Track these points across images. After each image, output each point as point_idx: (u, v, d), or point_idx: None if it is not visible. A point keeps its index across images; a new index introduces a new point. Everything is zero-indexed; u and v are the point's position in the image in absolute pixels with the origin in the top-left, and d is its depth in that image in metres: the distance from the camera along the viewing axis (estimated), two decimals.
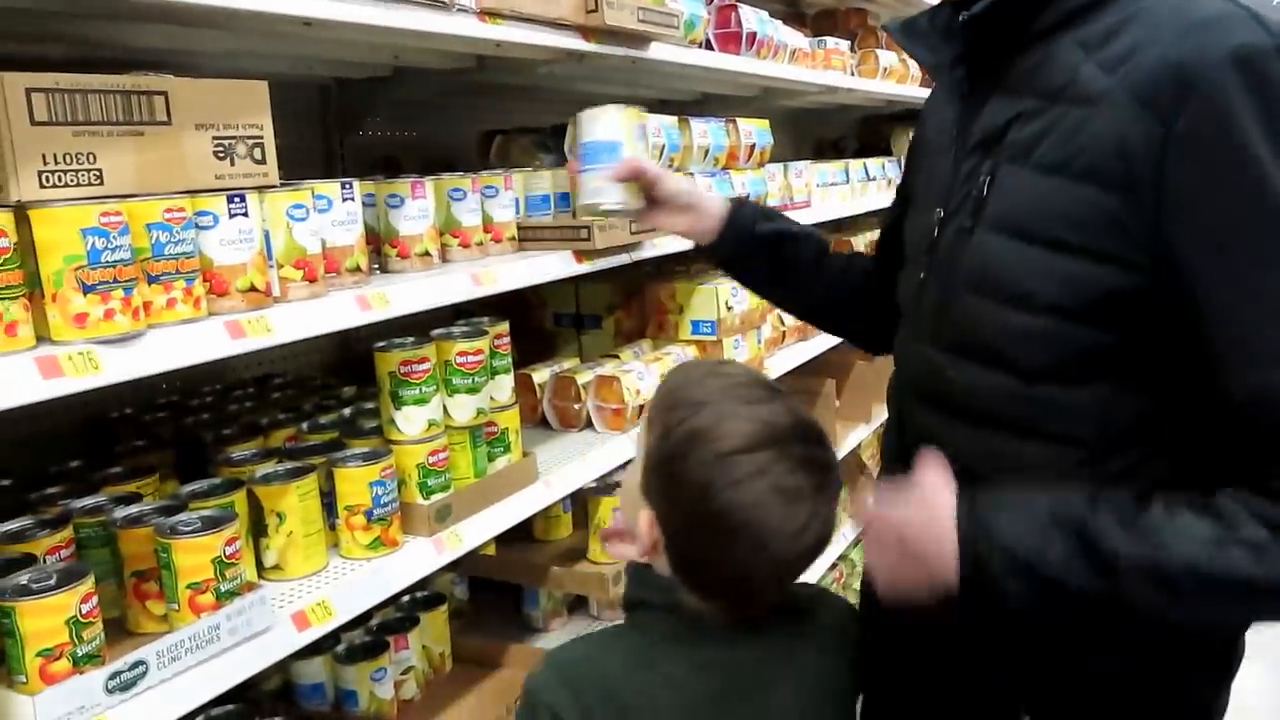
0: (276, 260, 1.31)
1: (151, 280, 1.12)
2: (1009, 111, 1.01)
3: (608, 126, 1.43)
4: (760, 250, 1.45)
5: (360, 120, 2.21)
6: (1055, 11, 0.98)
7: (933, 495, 0.96)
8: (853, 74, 3.26)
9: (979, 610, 0.96)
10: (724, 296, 2.28)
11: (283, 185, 1.33)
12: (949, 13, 1.09)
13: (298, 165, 1.96)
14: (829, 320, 1.58)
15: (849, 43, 3.29)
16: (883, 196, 3.43)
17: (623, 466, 1.85)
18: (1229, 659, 1.07)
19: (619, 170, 1.40)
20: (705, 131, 2.26)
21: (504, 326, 1.72)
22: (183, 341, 1.14)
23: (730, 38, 2.43)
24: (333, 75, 2.10)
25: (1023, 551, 0.91)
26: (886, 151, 4.10)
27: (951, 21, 1.08)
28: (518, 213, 1.88)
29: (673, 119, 2.18)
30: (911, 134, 1.32)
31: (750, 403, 0.97)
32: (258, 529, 1.38)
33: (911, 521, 0.97)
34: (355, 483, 1.45)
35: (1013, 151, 0.99)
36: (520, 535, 2.02)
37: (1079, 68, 0.94)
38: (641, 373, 2.03)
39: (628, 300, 2.38)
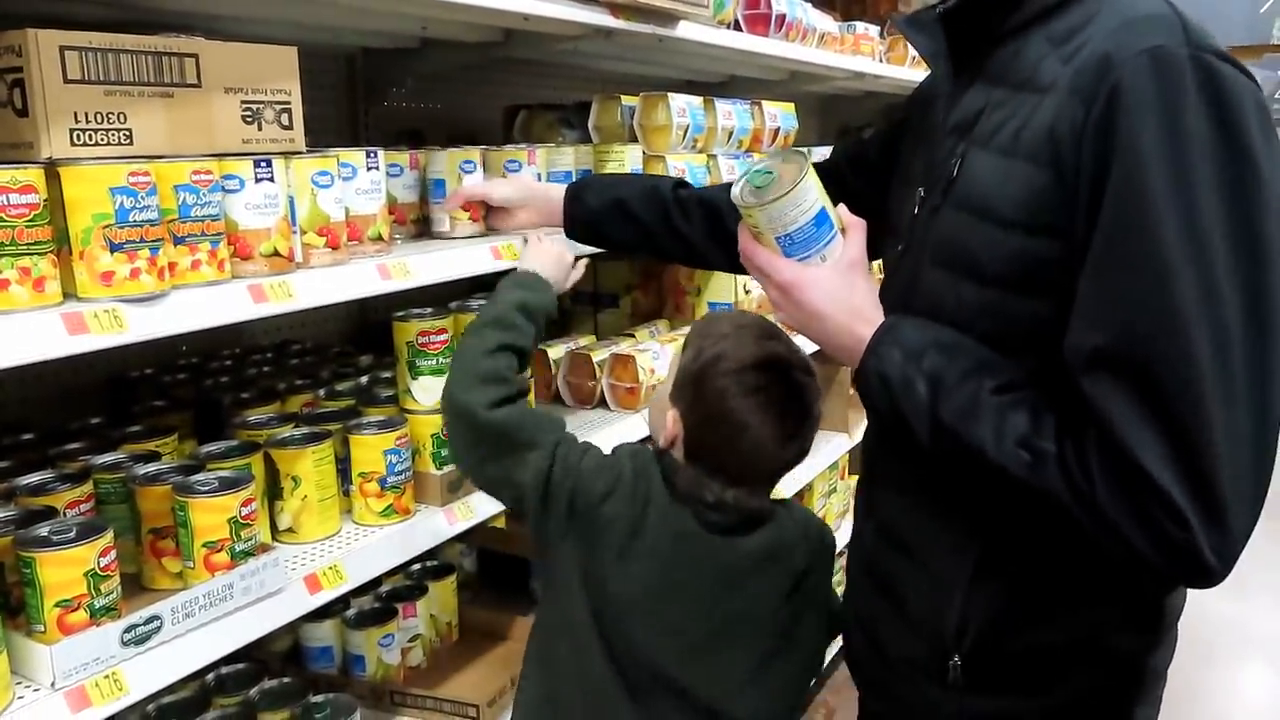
0: (300, 226, 1.32)
1: (177, 241, 1.14)
2: (983, 100, 1.06)
3: (437, 168, 1.70)
4: (606, 222, 1.57)
5: (385, 91, 2.22)
6: (1027, 9, 1.04)
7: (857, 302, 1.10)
8: (881, 60, 3.24)
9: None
10: (742, 279, 2.28)
11: (309, 152, 1.34)
12: (931, 15, 1.14)
13: (322, 133, 1.96)
14: (712, 261, 1.62)
15: (879, 28, 3.27)
16: None
17: None
18: (1157, 621, 1.08)
19: (445, 204, 1.67)
20: (730, 113, 2.26)
21: None
22: (206, 303, 1.15)
23: (759, 19, 2.42)
24: (360, 45, 2.10)
25: (894, 385, 1.03)
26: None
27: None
28: None
29: (699, 100, 2.18)
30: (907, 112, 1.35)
31: (763, 339, 1.24)
32: (273, 492, 1.40)
33: (829, 316, 1.10)
34: (370, 450, 1.47)
35: (981, 137, 1.04)
36: None
37: (1043, 60, 1.00)
38: (657, 353, 2.03)
39: (645, 280, 2.38)
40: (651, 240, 1.57)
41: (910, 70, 3.34)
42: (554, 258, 1.44)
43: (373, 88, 2.20)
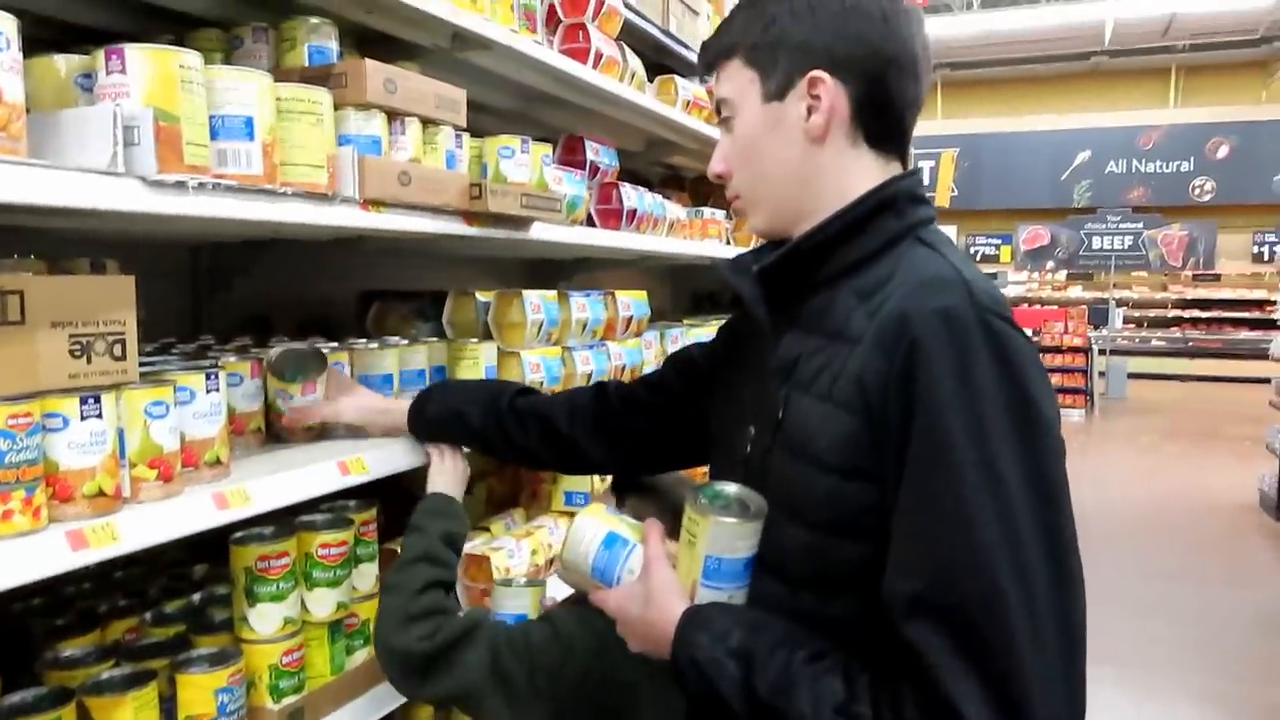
0: (129, 460, 1.25)
1: None
2: (800, 347, 1.14)
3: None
4: (447, 433, 1.63)
5: (231, 278, 2.17)
6: (837, 263, 1.13)
7: (660, 599, 1.13)
8: (729, 241, 3.41)
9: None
10: None
11: (143, 379, 1.28)
12: (751, 259, 1.23)
13: (161, 323, 1.89)
14: (547, 463, 1.74)
15: (726, 211, 3.46)
16: None
17: None
18: None
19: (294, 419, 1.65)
20: (584, 305, 2.31)
21: (371, 513, 1.67)
22: (16, 558, 1.06)
23: (611, 214, 2.52)
24: (205, 239, 2.06)
25: (706, 668, 1.05)
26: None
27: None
28: (392, 388, 1.86)
29: (553, 294, 2.23)
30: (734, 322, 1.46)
31: None
32: None
33: (642, 621, 1.15)
34: (200, 690, 1.36)
35: (801, 381, 1.11)
36: None
37: (852, 313, 1.08)
38: (512, 550, 1.99)
39: (500, 467, 2.36)
40: (490, 449, 1.64)
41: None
42: (460, 476, 1.48)
43: (218, 275, 2.15)
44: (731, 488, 1.15)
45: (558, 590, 1.43)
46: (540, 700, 1.28)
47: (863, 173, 1.16)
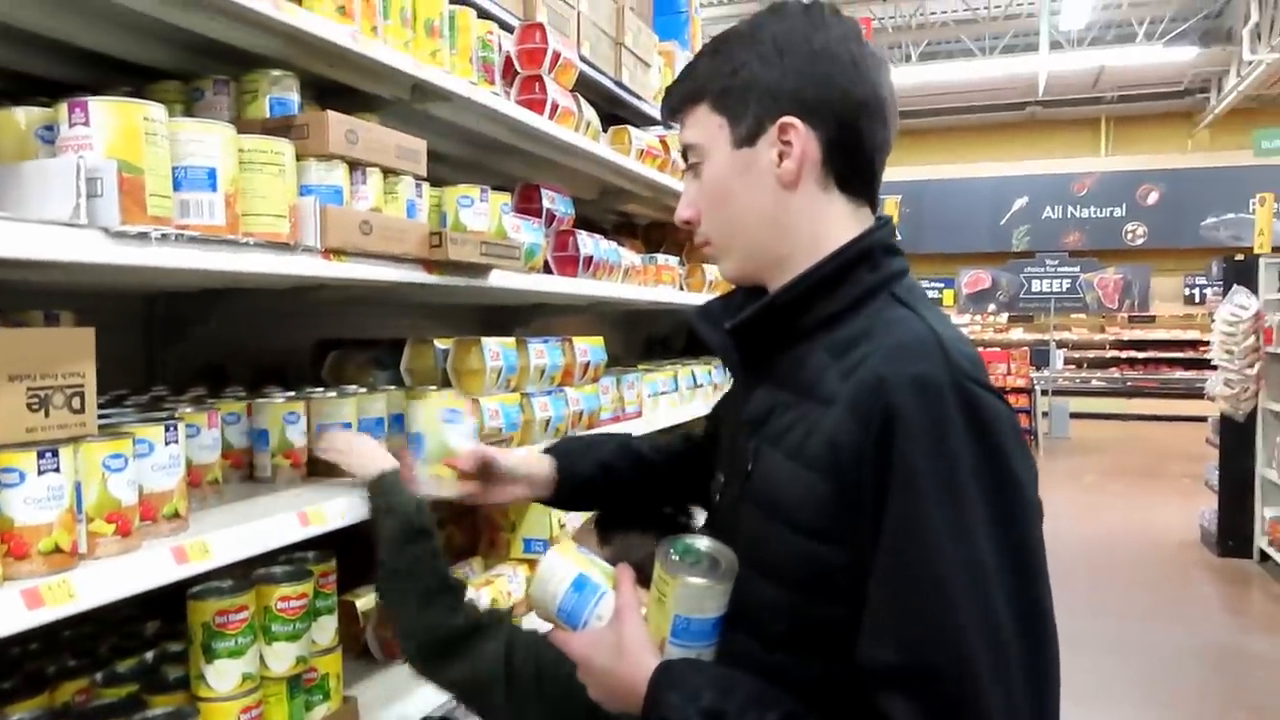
0: (87, 514, 1.23)
1: None
2: (771, 400, 1.14)
3: (417, 419, 1.60)
4: (592, 489, 1.58)
5: (186, 328, 2.15)
6: (811, 317, 1.13)
7: (632, 653, 1.11)
8: (682, 287, 3.46)
9: None
10: (557, 514, 2.28)
11: (102, 432, 1.27)
12: (720, 309, 1.24)
13: (111, 374, 1.86)
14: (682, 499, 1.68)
15: (678, 257, 3.51)
16: (709, 402, 3.58)
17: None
18: None
19: (459, 463, 1.59)
20: (542, 352, 2.33)
21: (330, 564, 1.66)
22: None
23: (568, 260, 2.55)
24: (161, 289, 2.04)
25: None
26: (712, 352, 4.31)
27: (726, 320, 1.21)
28: None
29: (511, 340, 2.24)
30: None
31: None
32: None
33: (610, 673, 1.12)
34: None
35: (771, 435, 1.11)
36: None
37: (824, 371, 1.08)
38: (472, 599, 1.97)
39: (459, 517, 2.34)
40: (636, 497, 1.60)
41: (709, 296, 3.58)
42: (376, 448, 1.57)
43: (172, 325, 2.13)
44: (704, 542, 1.13)
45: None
46: (543, 704, 1.26)
47: (835, 217, 1.15)
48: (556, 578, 1.16)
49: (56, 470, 1.17)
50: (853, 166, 1.15)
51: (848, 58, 1.13)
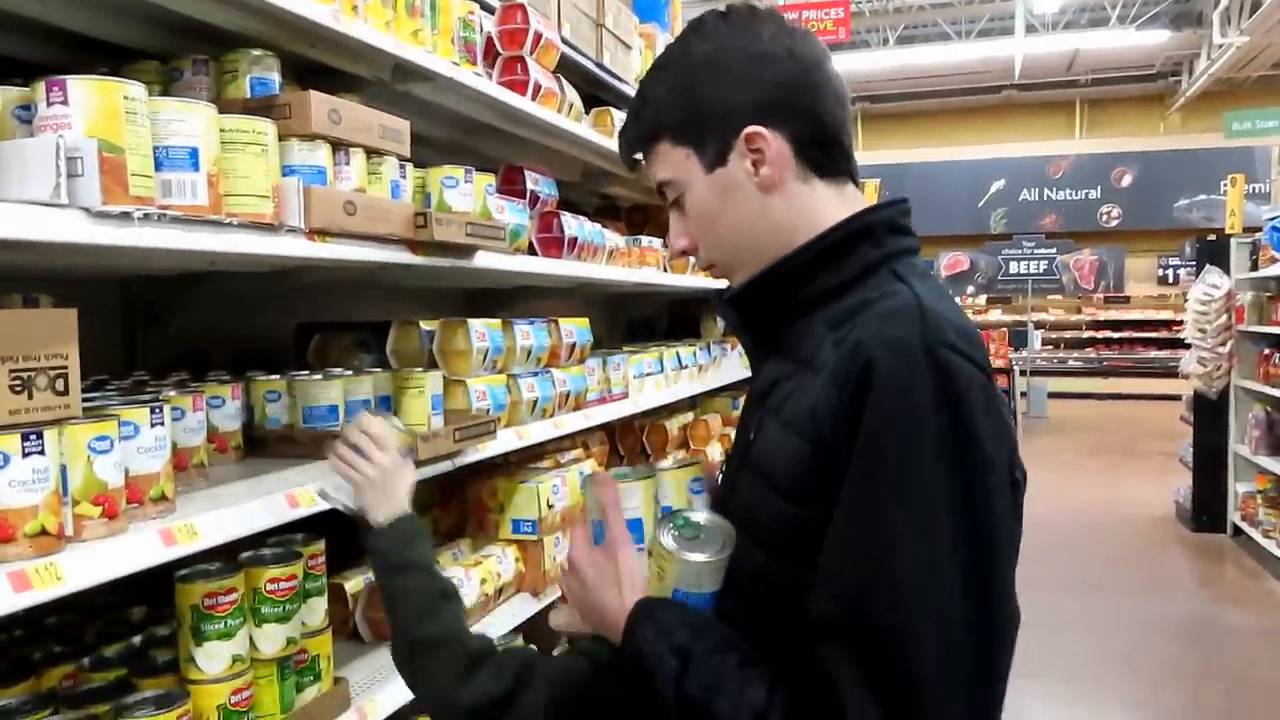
0: (73, 497, 1.21)
1: None
2: (776, 373, 1.16)
3: (666, 493, 1.30)
4: None
5: (166, 314, 2.12)
6: (812, 289, 1.15)
7: (619, 584, 1.14)
8: (665, 269, 3.46)
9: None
10: (545, 495, 2.29)
11: (87, 414, 1.25)
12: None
13: (90, 359, 1.84)
14: None
15: (662, 240, 3.50)
16: (695, 383, 3.59)
17: None
18: None
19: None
20: (528, 333, 2.32)
21: (319, 545, 1.65)
22: None
23: (552, 242, 2.54)
24: (139, 273, 2.02)
25: (647, 660, 1.07)
26: (695, 333, 4.32)
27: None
28: (338, 419, 1.83)
29: (497, 322, 2.23)
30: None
31: None
32: None
33: (603, 603, 1.15)
34: None
35: (773, 406, 1.13)
36: None
37: (822, 342, 1.09)
38: (461, 580, 1.98)
39: (446, 498, 2.34)
40: None
41: (691, 278, 3.58)
42: (400, 485, 1.47)
43: (151, 310, 2.10)
44: (702, 516, 1.15)
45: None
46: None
47: (824, 202, 1.16)
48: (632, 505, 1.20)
49: (41, 452, 1.15)
50: (825, 152, 1.17)
51: (784, 52, 1.14)
